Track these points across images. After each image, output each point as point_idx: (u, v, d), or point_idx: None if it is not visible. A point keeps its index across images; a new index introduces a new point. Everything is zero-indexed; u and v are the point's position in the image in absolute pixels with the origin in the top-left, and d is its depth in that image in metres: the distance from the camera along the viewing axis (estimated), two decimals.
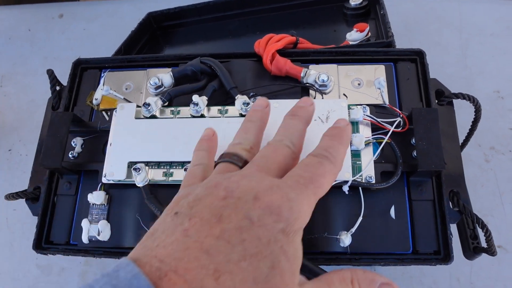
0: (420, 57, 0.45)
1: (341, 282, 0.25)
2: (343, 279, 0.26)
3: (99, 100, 0.46)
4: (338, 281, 0.25)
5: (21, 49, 0.88)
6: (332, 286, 0.25)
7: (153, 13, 0.71)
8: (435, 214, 0.40)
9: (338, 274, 0.26)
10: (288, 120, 0.31)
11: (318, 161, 0.27)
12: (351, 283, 0.25)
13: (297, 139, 0.30)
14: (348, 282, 0.25)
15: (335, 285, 0.25)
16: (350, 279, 0.26)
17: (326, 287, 0.25)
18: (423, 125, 0.39)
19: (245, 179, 0.25)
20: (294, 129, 0.30)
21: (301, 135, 0.30)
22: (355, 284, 0.25)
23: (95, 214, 0.42)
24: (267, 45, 0.45)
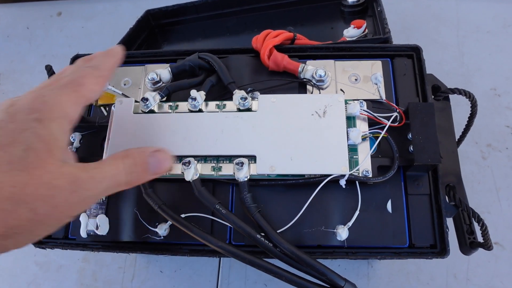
0: (417, 52, 0.46)
1: (115, 159, 0.31)
2: (117, 157, 0.31)
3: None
4: (112, 158, 0.31)
5: (19, 47, 0.89)
6: (105, 162, 0.30)
7: (151, 11, 0.71)
8: (431, 208, 0.40)
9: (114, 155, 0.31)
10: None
11: (80, 67, 0.32)
12: (126, 157, 0.31)
13: (103, 64, 0.33)
14: (122, 156, 0.31)
15: (109, 161, 0.30)
16: (125, 154, 0.31)
17: (97, 165, 0.29)
18: (420, 120, 0.39)
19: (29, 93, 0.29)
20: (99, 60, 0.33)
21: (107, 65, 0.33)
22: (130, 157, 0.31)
23: (93, 209, 0.43)
24: (264, 41, 0.45)
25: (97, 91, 0.31)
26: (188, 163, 0.39)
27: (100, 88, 0.31)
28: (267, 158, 0.39)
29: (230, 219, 0.38)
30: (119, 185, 0.31)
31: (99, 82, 0.31)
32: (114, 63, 0.34)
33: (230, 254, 0.36)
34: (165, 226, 0.41)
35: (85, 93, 0.30)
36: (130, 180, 0.31)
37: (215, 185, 0.42)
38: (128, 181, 0.31)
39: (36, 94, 0.28)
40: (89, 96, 0.30)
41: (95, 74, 0.31)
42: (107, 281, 0.67)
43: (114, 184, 0.30)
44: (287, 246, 0.36)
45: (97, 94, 0.31)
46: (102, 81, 0.32)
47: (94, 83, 0.31)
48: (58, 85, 0.29)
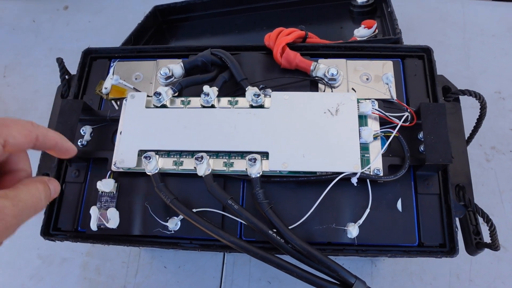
0: (428, 54, 0.46)
1: (31, 184, 0.31)
2: (30, 183, 0.31)
3: (109, 89, 0.47)
4: (26, 185, 0.30)
5: (25, 40, 0.88)
6: (21, 189, 0.30)
7: (160, 7, 0.71)
8: (441, 207, 0.40)
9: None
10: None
11: (14, 120, 0.30)
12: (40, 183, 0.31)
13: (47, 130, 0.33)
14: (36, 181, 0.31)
15: (25, 187, 0.30)
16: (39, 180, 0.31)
17: (15, 192, 0.29)
18: (431, 120, 0.39)
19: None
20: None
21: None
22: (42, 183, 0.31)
23: (104, 202, 0.43)
24: (277, 39, 0.45)
25: (19, 140, 0.30)
26: (201, 158, 0.39)
27: (24, 140, 0.30)
28: (280, 155, 0.39)
29: (242, 214, 0.38)
30: (36, 211, 0.31)
31: (26, 135, 0.31)
32: (56, 140, 0.34)
33: (243, 249, 0.37)
34: (176, 221, 0.41)
35: (5, 134, 0.29)
36: (45, 205, 0.32)
37: (226, 181, 0.42)
38: (43, 206, 0.31)
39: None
40: (9, 140, 0.30)
41: (27, 127, 0.31)
42: (110, 275, 0.67)
43: (34, 211, 0.31)
44: (299, 242, 0.36)
45: (19, 143, 0.30)
46: (29, 136, 0.31)
47: (20, 133, 0.30)
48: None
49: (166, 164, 0.41)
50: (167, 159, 0.41)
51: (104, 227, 0.41)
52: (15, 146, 0.30)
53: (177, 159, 0.41)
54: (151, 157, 0.40)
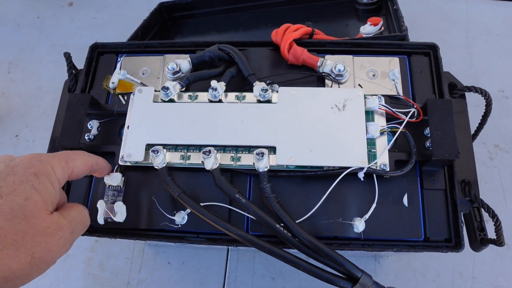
0: (434, 50, 0.46)
1: (76, 206, 0.36)
2: (76, 205, 0.37)
3: (116, 84, 0.47)
4: (73, 206, 0.36)
5: (29, 36, 0.89)
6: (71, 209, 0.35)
7: (165, 3, 0.71)
8: (446, 203, 0.41)
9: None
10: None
11: (73, 152, 0.38)
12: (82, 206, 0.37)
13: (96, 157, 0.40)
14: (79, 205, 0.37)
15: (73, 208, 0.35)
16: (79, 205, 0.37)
17: (67, 212, 0.34)
18: (438, 116, 0.40)
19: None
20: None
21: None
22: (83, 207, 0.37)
23: (111, 196, 0.43)
24: (284, 34, 0.46)
25: (82, 169, 0.37)
26: (209, 152, 0.39)
27: (85, 168, 0.37)
28: (287, 149, 0.39)
29: (250, 208, 0.38)
30: (84, 228, 0.36)
31: (86, 164, 0.37)
32: (102, 164, 0.41)
33: (250, 243, 0.37)
34: (183, 215, 0.41)
35: (72, 166, 0.36)
36: (88, 223, 0.37)
37: (233, 175, 0.42)
38: (88, 224, 0.37)
39: (33, 154, 0.33)
40: (74, 170, 0.36)
41: (85, 157, 0.38)
42: (114, 271, 0.67)
43: (83, 227, 0.36)
44: (306, 236, 0.36)
45: (81, 172, 0.37)
46: (88, 164, 0.38)
47: (82, 163, 0.37)
48: (53, 153, 0.35)
49: (173, 158, 0.41)
50: (174, 153, 0.41)
51: (111, 220, 0.42)
52: (79, 175, 0.37)
53: (184, 153, 0.41)
54: (158, 151, 0.40)
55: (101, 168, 0.41)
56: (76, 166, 0.36)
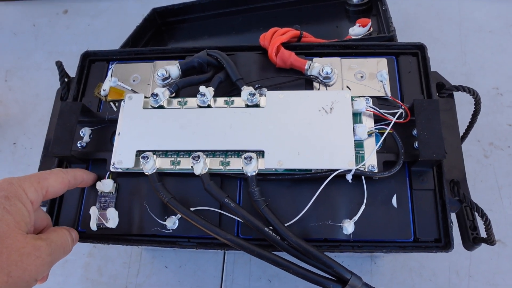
0: (421, 50, 0.46)
1: (60, 230, 0.37)
2: (60, 229, 0.37)
3: (107, 91, 0.47)
4: (55, 230, 0.37)
5: (25, 44, 0.89)
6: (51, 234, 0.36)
7: (158, 9, 0.72)
8: (435, 203, 0.41)
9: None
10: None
11: (48, 171, 0.38)
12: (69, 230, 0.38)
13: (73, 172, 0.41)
14: (65, 229, 0.38)
15: (54, 232, 0.36)
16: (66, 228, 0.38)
17: (47, 235, 0.35)
18: (425, 116, 0.40)
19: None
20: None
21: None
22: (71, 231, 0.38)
23: (103, 202, 0.43)
24: (272, 38, 0.46)
25: (57, 188, 0.37)
26: (197, 158, 0.40)
27: (60, 186, 0.38)
28: (275, 153, 0.40)
29: (239, 212, 0.38)
30: (65, 252, 0.37)
31: (61, 182, 0.38)
32: (81, 176, 0.41)
33: (239, 247, 0.37)
34: (174, 220, 0.41)
35: (46, 185, 0.36)
36: (71, 248, 0.38)
37: (223, 180, 0.43)
38: (70, 249, 0.37)
39: (4, 178, 0.34)
40: (49, 190, 0.36)
41: (61, 175, 0.38)
42: (112, 276, 0.68)
43: (64, 251, 0.36)
44: (295, 239, 0.37)
45: (57, 190, 0.37)
46: (64, 182, 0.38)
47: (56, 181, 0.37)
48: (25, 176, 0.36)
49: (163, 164, 0.42)
50: (164, 159, 0.42)
51: (104, 226, 0.42)
52: (56, 193, 0.37)
53: (174, 159, 0.42)
54: (148, 157, 0.40)
55: (81, 181, 0.41)
56: (51, 185, 0.37)
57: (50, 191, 0.37)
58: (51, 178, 0.37)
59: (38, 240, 0.33)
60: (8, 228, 0.31)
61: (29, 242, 0.32)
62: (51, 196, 0.37)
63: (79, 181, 0.41)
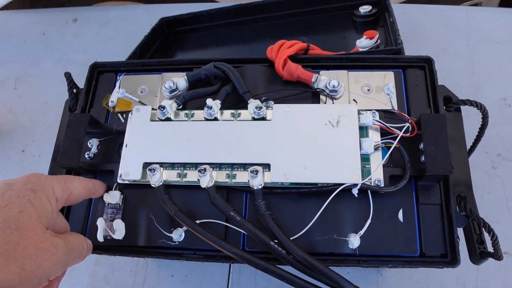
0: (429, 64, 0.46)
1: (78, 235, 0.37)
2: (78, 235, 0.38)
3: (115, 103, 0.48)
4: (74, 234, 0.37)
5: (35, 52, 0.90)
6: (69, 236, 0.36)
7: (166, 19, 0.72)
8: (442, 218, 0.41)
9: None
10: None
11: (71, 175, 0.41)
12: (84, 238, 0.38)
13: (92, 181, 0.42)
14: (82, 236, 0.38)
15: (73, 235, 0.36)
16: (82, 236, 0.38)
17: (65, 235, 0.35)
18: (432, 131, 0.40)
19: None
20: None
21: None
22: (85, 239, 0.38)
23: (110, 213, 0.44)
24: (279, 51, 0.46)
25: (80, 192, 0.39)
26: (204, 170, 0.40)
27: (83, 191, 0.39)
28: (281, 166, 0.40)
29: (244, 225, 0.38)
30: (80, 257, 0.37)
31: (84, 188, 0.39)
32: (99, 186, 0.43)
33: (245, 260, 0.37)
34: (180, 232, 0.41)
35: (71, 187, 0.37)
36: (87, 255, 0.38)
37: (229, 192, 0.43)
38: (85, 256, 0.38)
39: (33, 173, 0.35)
40: (73, 192, 0.37)
41: (83, 181, 0.40)
42: (118, 284, 0.68)
43: (79, 256, 0.36)
44: (300, 253, 0.37)
45: (79, 195, 0.39)
46: (86, 188, 0.39)
47: (80, 186, 0.39)
48: (52, 175, 0.37)
49: (170, 176, 0.42)
50: (171, 171, 0.42)
51: (110, 238, 0.42)
52: (78, 197, 0.38)
53: (181, 171, 0.42)
54: (155, 170, 0.41)
55: (98, 190, 0.42)
56: (75, 188, 0.37)
57: (74, 194, 0.37)
58: (76, 182, 0.38)
59: (56, 237, 0.33)
60: (29, 220, 0.31)
61: (47, 238, 0.32)
62: (73, 201, 0.38)
63: (97, 190, 0.42)
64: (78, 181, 0.38)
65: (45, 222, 0.32)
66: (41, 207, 0.32)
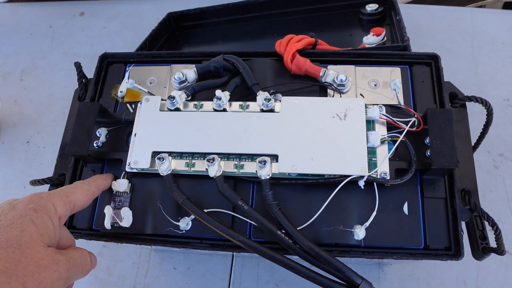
0: (435, 61, 0.47)
1: (81, 250, 0.37)
2: (81, 249, 0.38)
3: (124, 93, 0.48)
4: (76, 249, 0.37)
5: (41, 45, 0.91)
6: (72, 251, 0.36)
7: (173, 13, 0.73)
8: (446, 211, 0.41)
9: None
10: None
11: (76, 182, 0.41)
12: (88, 253, 0.38)
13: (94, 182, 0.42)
14: (85, 250, 0.38)
15: (75, 251, 0.36)
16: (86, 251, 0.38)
17: (67, 251, 0.35)
18: (438, 125, 0.40)
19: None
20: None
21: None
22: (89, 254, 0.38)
23: (118, 202, 0.44)
24: (288, 45, 0.47)
25: (84, 201, 0.39)
26: (212, 160, 0.40)
27: (87, 199, 0.39)
28: (289, 157, 0.40)
29: (252, 215, 0.39)
30: (83, 272, 0.37)
31: (87, 195, 0.39)
32: (103, 184, 0.43)
33: (252, 249, 0.38)
34: (187, 221, 0.42)
35: (73, 200, 0.37)
36: (90, 269, 0.38)
37: (237, 183, 0.43)
38: (89, 270, 0.37)
39: (35, 193, 0.35)
40: (76, 203, 0.38)
41: (85, 188, 0.39)
42: (121, 276, 0.68)
43: (82, 270, 0.36)
44: (307, 243, 0.37)
45: (84, 203, 0.39)
46: (89, 194, 0.40)
47: (83, 195, 0.39)
48: (53, 190, 0.37)
49: (178, 165, 0.42)
50: (179, 161, 0.43)
51: (118, 225, 0.43)
52: (83, 206, 0.39)
53: (189, 161, 0.43)
54: (164, 159, 0.41)
55: (103, 188, 0.43)
56: (78, 199, 0.38)
57: (77, 205, 0.38)
58: (77, 192, 0.38)
59: (58, 254, 0.33)
60: (31, 239, 0.31)
61: (48, 255, 0.32)
62: (78, 210, 0.38)
63: (102, 189, 0.42)
64: (80, 191, 0.39)
65: (47, 240, 0.33)
66: (42, 226, 0.33)
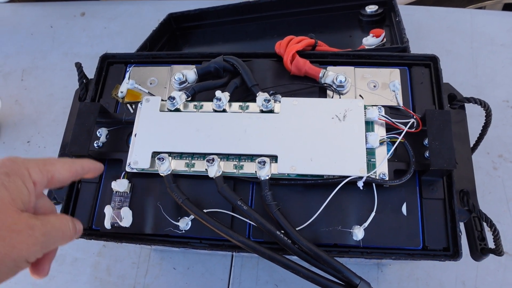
0: (434, 62, 0.47)
1: (62, 215, 0.35)
2: (62, 215, 0.35)
3: (124, 93, 0.48)
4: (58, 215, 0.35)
5: (42, 44, 0.91)
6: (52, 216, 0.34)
7: (174, 14, 0.73)
8: (445, 212, 0.41)
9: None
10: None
11: (54, 157, 0.38)
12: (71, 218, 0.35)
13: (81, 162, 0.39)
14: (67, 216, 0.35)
15: (55, 216, 0.34)
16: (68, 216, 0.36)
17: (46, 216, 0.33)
18: (436, 126, 0.41)
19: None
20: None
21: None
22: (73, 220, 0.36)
23: (117, 201, 0.44)
24: (287, 46, 0.47)
25: (64, 175, 0.36)
26: (212, 160, 0.40)
27: (68, 174, 0.36)
28: (288, 158, 0.40)
29: (251, 215, 0.39)
30: (64, 238, 0.34)
31: (69, 170, 0.36)
32: (88, 166, 0.39)
33: (251, 249, 0.38)
34: (187, 221, 0.42)
35: (51, 170, 0.35)
36: (72, 234, 0.35)
37: (236, 183, 0.44)
38: (70, 236, 0.35)
39: (9, 157, 0.33)
40: (55, 175, 0.35)
41: (69, 163, 0.37)
42: (120, 275, 0.68)
43: (62, 236, 0.34)
44: (306, 243, 0.37)
45: (64, 178, 0.36)
46: (71, 170, 0.37)
47: (63, 168, 0.36)
48: (32, 158, 0.35)
49: (178, 165, 0.43)
50: (179, 161, 0.43)
51: (118, 225, 0.43)
52: (62, 180, 0.36)
53: (189, 161, 0.43)
54: (164, 159, 0.41)
55: (89, 171, 0.40)
56: (57, 171, 0.35)
57: (56, 177, 0.35)
58: (58, 164, 0.36)
59: (33, 219, 0.32)
60: (2, 203, 0.30)
61: (22, 220, 0.31)
62: (57, 184, 0.36)
63: (86, 171, 0.39)
64: (62, 164, 0.36)
65: (19, 205, 0.32)
66: (15, 191, 0.31)
